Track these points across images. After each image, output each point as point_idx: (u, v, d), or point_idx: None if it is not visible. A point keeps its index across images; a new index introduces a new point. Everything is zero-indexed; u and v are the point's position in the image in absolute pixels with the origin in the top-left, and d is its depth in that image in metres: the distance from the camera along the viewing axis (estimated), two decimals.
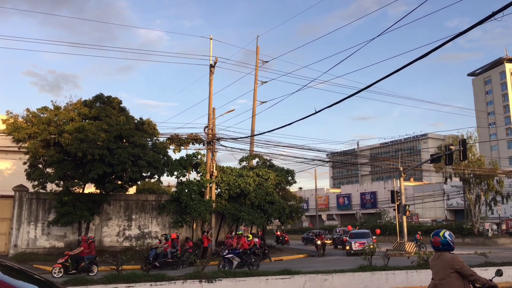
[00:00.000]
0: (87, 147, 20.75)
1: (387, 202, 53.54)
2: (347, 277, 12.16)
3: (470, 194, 44.75)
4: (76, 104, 23.14)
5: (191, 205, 25.42)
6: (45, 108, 22.71)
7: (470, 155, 41.74)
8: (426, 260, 13.61)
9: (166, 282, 10.44)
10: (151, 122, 24.56)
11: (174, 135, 27.57)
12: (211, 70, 28.62)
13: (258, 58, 34.98)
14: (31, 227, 24.60)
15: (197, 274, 11.06)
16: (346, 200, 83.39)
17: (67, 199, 21.96)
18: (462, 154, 26.20)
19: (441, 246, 5.53)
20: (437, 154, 31.12)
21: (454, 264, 5.32)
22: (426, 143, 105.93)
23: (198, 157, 28.26)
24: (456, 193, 54.50)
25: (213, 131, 27.68)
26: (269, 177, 28.65)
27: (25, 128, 21.64)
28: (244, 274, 11.38)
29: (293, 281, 11.46)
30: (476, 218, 44.76)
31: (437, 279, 5.43)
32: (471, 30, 9.86)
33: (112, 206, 26.51)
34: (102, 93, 24.10)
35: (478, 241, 42.82)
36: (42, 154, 21.98)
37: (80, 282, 9.89)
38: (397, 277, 12.66)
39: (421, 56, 11.01)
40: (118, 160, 21.40)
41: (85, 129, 21.17)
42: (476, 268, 12.22)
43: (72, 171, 21.98)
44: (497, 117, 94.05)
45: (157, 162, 23.23)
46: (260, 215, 27.41)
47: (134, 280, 10.28)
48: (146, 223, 27.19)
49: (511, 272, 13.97)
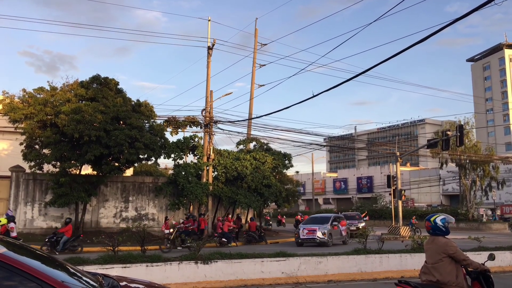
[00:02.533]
0: (84, 128, 20.66)
1: (383, 186, 53.93)
2: (341, 260, 12.27)
3: (465, 180, 45.01)
4: (72, 85, 22.97)
5: (188, 187, 25.49)
6: (41, 88, 22.54)
7: (467, 141, 41.85)
8: (420, 244, 13.74)
9: (162, 263, 10.51)
10: (148, 104, 24.45)
11: (171, 118, 27.49)
12: (209, 52, 28.40)
13: (257, 41, 34.66)
14: (28, 208, 24.67)
15: (193, 255, 11.13)
16: (342, 184, 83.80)
17: (63, 180, 21.96)
18: (458, 140, 26.28)
19: (431, 231, 5.59)
20: (434, 140, 31.21)
21: (447, 248, 5.36)
22: (424, 129, 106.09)
23: (195, 139, 28.25)
24: (452, 178, 54.86)
25: (210, 114, 27.59)
26: (266, 161, 28.68)
27: (22, 108, 21.50)
28: (240, 256, 11.47)
29: (288, 263, 11.56)
30: (471, 203, 45.12)
31: (430, 263, 5.49)
32: (471, 14, 9.77)
33: (109, 188, 26.55)
34: (99, 74, 23.91)
35: (472, 226, 43.23)
36: (39, 135, 21.91)
37: (76, 262, 9.94)
38: (391, 261, 12.79)
39: (420, 40, 10.93)
40: (115, 142, 21.35)
41: (81, 110, 21.05)
42: (470, 252, 12.35)
43: (69, 152, 21.93)
44: (495, 103, 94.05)
45: (154, 144, 23.20)
46: (257, 198, 27.52)
47: (130, 261, 10.34)
48: (143, 205, 27.28)
49: (504, 256, 14.15)
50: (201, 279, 10.58)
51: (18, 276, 3.04)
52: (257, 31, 34.79)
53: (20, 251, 3.53)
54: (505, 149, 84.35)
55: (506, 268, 13.74)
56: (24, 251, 3.69)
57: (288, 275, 11.34)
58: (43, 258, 3.75)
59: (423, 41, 10.88)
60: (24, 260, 3.23)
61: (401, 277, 10.95)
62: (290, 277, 11.28)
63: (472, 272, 5.75)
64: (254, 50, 34.40)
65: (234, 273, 10.94)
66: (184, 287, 9.99)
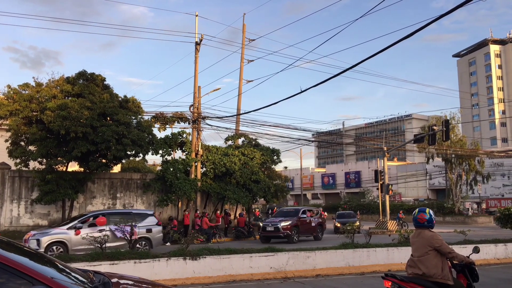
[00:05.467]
0: (70, 124, 20.45)
1: (371, 181, 54.33)
2: (329, 254, 12.37)
3: (451, 174, 45.59)
4: (58, 81, 22.70)
5: (176, 183, 25.42)
6: (26, 84, 22.24)
7: (453, 136, 42.35)
8: (407, 238, 13.91)
9: (151, 259, 10.50)
10: (135, 100, 24.27)
11: (159, 114, 27.35)
12: (196, 48, 28.28)
13: (245, 36, 34.59)
14: (14, 205, 24.38)
15: (182, 251, 11.14)
16: (330, 179, 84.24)
17: (50, 177, 21.74)
18: (444, 135, 26.59)
19: (426, 223, 5.65)
20: (421, 135, 31.53)
21: (433, 242, 5.44)
22: (410, 124, 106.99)
23: (183, 135, 28.14)
24: (438, 173, 55.56)
25: (198, 109, 27.51)
26: (255, 156, 28.72)
27: (6, 105, 21.21)
28: (228, 252, 11.50)
29: (277, 258, 11.62)
30: (457, 197, 45.75)
31: (416, 256, 5.57)
32: (456, 10, 9.88)
33: (97, 185, 26.36)
34: (85, 70, 23.64)
35: (458, 219, 43.86)
36: (24, 131, 21.64)
37: (63, 259, 9.88)
38: (378, 254, 12.93)
39: (406, 36, 11.02)
40: (102, 138, 21.19)
41: (67, 107, 20.83)
42: (455, 245, 12.54)
43: (55, 149, 21.71)
44: (480, 98, 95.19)
45: (142, 140, 23.07)
46: (246, 194, 27.56)
47: (118, 257, 10.31)
48: (131, 202, 27.15)
49: (488, 249, 14.39)
50: (189, 275, 10.59)
51: (7, 273, 3.02)
52: (245, 27, 34.72)
53: (8, 248, 3.51)
54: (490, 143, 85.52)
55: (490, 261, 13.99)
56: (12, 248, 3.67)
57: (276, 270, 11.41)
58: (31, 255, 3.73)
59: (410, 36, 10.98)
60: (13, 256, 3.22)
61: (388, 270, 11.10)
62: (278, 272, 11.35)
63: (458, 265, 5.85)
64: (242, 46, 34.34)
65: (222, 269, 10.97)
66: (173, 283, 9.99)
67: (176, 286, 9.80)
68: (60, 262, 3.95)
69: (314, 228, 23.36)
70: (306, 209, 24.17)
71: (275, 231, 21.52)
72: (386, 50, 11.98)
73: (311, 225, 23.07)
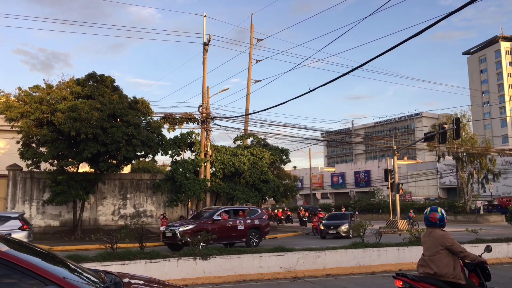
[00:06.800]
0: (81, 126, 20.62)
1: (380, 180, 53.97)
2: (339, 254, 12.32)
3: (462, 173, 45.17)
4: (68, 83, 22.89)
5: (185, 184, 25.50)
6: (37, 86, 22.46)
7: (464, 134, 42.00)
8: (417, 237, 13.80)
9: (161, 259, 10.53)
10: (144, 101, 24.40)
11: (168, 114, 27.47)
12: (204, 48, 28.34)
13: (253, 36, 34.64)
14: (25, 206, 24.62)
15: (192, 251, 11.17)
16: (340, 179, 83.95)
17: (61, 178, 21.93)
18: (455, 133, 26.33)
19: (438, 222, 5.61)
20: (431, 133, 31.28)
21: (445, 241, 5.40)
22: (420, 122, 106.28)
23: (192, 136, 28.24)
24: (449, 171, 55.04)
25: (207, 110, 27.57)
26: (264, 156, 28.72)
27: (18, 107, 21.44)
28: (238, 252, 11.50)
29: (287, 258, 11.60)
30: (469, 196, 45.31)
31: (428, 255, 5.52)
32: (465, 8, 9.79)
33: (107, 185, 26.54)
34: (95, 72, 23.81)
35: (470, 218, 43.43)
36: (35, 133, 21.85)
37: (75, 259, 9.96)
38: (388, 254, 12.85)
39: (415, 34, 10.94)
40: (112, 139, 21.32)
41: (78, 108, 21.00)
42: (467, 244, 12.43)
43: (66, 150, 21.89)
44: (491, 95, 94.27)
45: (151, 141, 23.19)
46: (255, 193, 27.58)
47: (128, 257, 10.35)
48: (141, 202, 27.29)
49: (501, 248, 14.24)
50: (200, 275, 10.61)
51: (20, 273, 3.06)
52: (253, 26, 34.77)
53: (22, 248, 3.55)
54: (502, 141, 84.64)
55: (503, 260, 13.84)
56: (25, 248, 3.71)
57: (286, 269, 11.39)
58: (44, 255, 3.77)
59: (419, 34, 10.89)
60: (25, 257, 3.25)
61: (399, 270, 11.03)
62: (288, 271, 11.33)
63: (469, 264, 5.80)
64: (250, 46, 34.37)
65: (232, 269, 10.97)
66: (183, 283, 10.02)
67: (187, 286, 9.83)
68: (72, 262, 3.98)
69: (241, 233, 19.22)
70: (230, 209, 20.16)
71: (172, 238, 17.83)
72: (395, 48, 11.91)
73: (237, 229, 19.10)
